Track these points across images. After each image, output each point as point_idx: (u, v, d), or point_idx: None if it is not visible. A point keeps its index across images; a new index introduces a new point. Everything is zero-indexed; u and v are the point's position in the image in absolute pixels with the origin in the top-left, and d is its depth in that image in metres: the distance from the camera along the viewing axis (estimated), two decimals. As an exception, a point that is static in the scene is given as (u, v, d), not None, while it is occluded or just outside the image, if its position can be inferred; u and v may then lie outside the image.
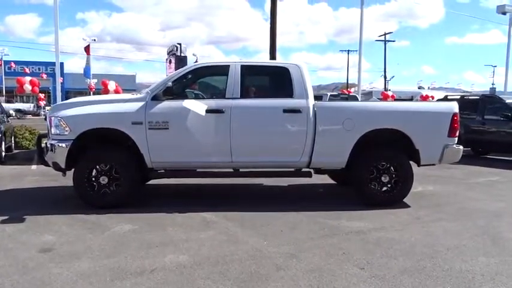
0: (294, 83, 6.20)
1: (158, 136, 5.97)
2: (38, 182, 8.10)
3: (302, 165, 6.33)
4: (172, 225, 5.17)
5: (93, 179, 6.01)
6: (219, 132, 6.05)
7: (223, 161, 6.16)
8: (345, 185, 7.78)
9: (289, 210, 5.91)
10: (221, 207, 6.02)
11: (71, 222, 5.33)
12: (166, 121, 5.97)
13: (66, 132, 5.94)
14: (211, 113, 6.01)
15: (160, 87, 6.08)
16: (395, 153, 6.32)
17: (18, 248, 4.39)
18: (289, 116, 6.10)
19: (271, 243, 4.56)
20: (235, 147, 6.06)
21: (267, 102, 6.17)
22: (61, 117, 5.97)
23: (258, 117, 6.12)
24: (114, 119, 5.97)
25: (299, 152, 6.16)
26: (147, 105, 5.99)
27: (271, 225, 5.23)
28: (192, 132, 5.99)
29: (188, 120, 5.99)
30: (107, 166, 6.00)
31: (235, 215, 5.62)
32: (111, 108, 6.04)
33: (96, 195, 5.98)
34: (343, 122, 6.12)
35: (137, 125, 5.94)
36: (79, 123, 5.95)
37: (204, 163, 6.21)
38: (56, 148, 5.96)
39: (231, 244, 4.53)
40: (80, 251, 4.29)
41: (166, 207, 5.98)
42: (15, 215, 5.62)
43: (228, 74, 6.19)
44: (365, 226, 5.25)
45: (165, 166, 6.26)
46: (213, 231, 4.97)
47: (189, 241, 4.62)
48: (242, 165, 6.29)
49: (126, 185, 6.00)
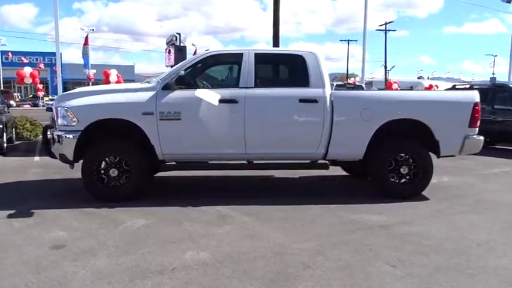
0: (309, 71, 5.97)
1: (170, 127, 5.75)
2: (42, 174, 7.88)
3: (318, 157, 6.12)
4: (188, 220, 4.97)
5: (102, 172, 5.79)
6: (233, 123, 5.82)
7: (237, 152, 5.95)
8: (359, 176, 7.61)
9: (305, 203, 5.73)
10: (235, 200, 5.82)
11: (80, 216, 5.12)
12: (178, 111, 5.74)
13: (73, 123, 5.71)
14: (225, 103, 5.79)
15: (172, 76, 5.84)
16: (415, 144, 6.11)
17: (29, 244, 4.18)
18: (305, 106, 5.87)
19: (293, 239, 4.36)
20: (250, 139, 5.85)
21: (282, 91, 5.94)
22: (68, 107, 5.73)
23: (273, 107, 5.89)
24: (124, 110, 5.73)
25: (315, 143, 5.94)
26: (158, 95, 5.75)
27: (290, 220, 5.03)
28: (205, 123, 5.77)
29: (201, 110, 5.76)
30: (117, 158, 5.79)
31: (251, 209, 5.42)
32: (121, 98, 5.80)
33: (105, 188, 5.77)
34: (361, 112, 5.91)
35: (148, 115, 5.71)
36: (87, 113, 5.71)
37: (217, 155, 5.99)
38: (63, 139, 5.73)
39: (251, 240, 4.33)
40: (94, 248, 4.09)
41: (178, 201, 5.78)
42: (22, 208, 5.41)
43: (241, 63, 5.95)
44: (387, 220, 5.06)
45: (177, 158, 6.04)
46: (231, 226, 4.77)
47: (207, 237, 4.42)
48: (256, 157, 6.07)
49: (137, 178, 5.78)
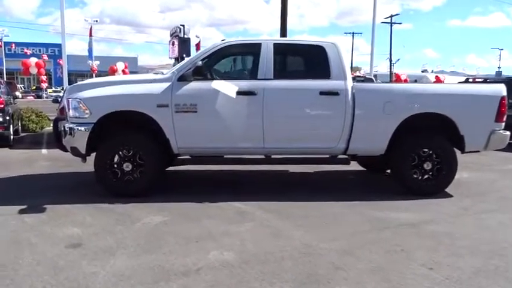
0: (330, 63, 5.74)
1: (185, 120, 5.54)
2: (51, 167, 7.70)
3: (338, 152, 5.91)
4: (206, 217, 4.78)
5: (116, 166, 5.59)
6: (251, 116, 5.61)
7: (255, 146, 5.74)
8: (375, 171, 7.41)
9: (324, 200, 5.53)
10: (251, 196, 5.63)
11: (94, 212, 4.93)
12: (195, 104, 5.53)
13: (86, 115, 5.50)
14: (243, 95, 5.57)
15: (188, 66, 5.62)
16: (439, 139, 5.89)
17: (44, 242, 3.99)
18: (326, 99, 5.66)
19: (319, 238, 4.16)
20: (268, 132, 5.64)
21: (302, 83, 5.72)
22: (80, 98, 5.52)
23: (292, 100, 5.67)
24: (138, 101, 5.52)
25: (336, 137, 5.73)
26: (173, 87, 5.54)
27: (312, 217, 4.83)
28: (222, 116, 5.56)
29: (218, 102, 5.55)
30: (130, 152, 5.59)
31: (269, 205, 5.22)
32: (135, 89, 5.58)
33: (119, 182, 5.57)
34: (383, 106, 5.68)
35: (163, 107, 5.50)
36: (100, 105, 5.51)
37: (234, 149, 5.78)
38: (75, 132, 5.53)
39: (275, 239, 4.13)
40: (112, 246, 3.89)
41: (192, 196, 5.59)
42: (33, 203, 5.23)
43: (259, 53, 5.73)
44: (413, 218, 4.86)
45: (192, 152, 5.83)
46: (252, 224, 4.58)
47: (229, 235, 4.22)
48: (274, 151, 5.87)
49: (151, 172, 5.59)
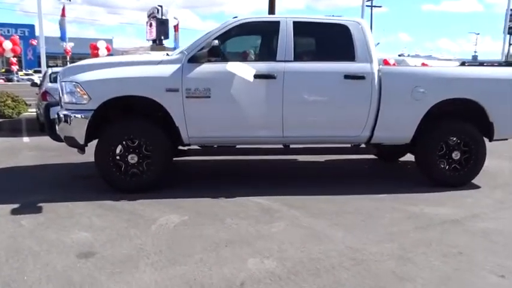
0: (355, 43, 5.25)
1: (198, 106, 4.98)
2: (38, 157, 7.01)
3: (362, 141, 5.47)
4: (229, 215, 4.27)
5: (119, 158, 5.01)
6: (270, 102, 5.09)
7: (273, 135, 5.23)
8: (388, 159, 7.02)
9: (350, 193, 5.09)
10: (269, 189, 5.15)
11: (100, 211, 4.36)
12: (208, 88, 4.96)
13: (84, 101, 4.88)
14: (261, 78, 5.04)
15: (199, 46, 5.03)
16: (468, 127, 5.50)
17: (50, 251, 3.41)
18: (351, 83, 5.18)
19: (362, 239, 3.72)
20: (288, 120, 5.13)
21: (325, 66, 5.21)
22: (78, 82, 4.88)
23: (315, 84, 5.17)
24: (145, 85, 4.92)
25: (360, 125, 5.28)
26: (184, 69, 4.95)
27: (345, 214, 4.38)
28: (238, 102, 5.02)
29: (233, 86, 5.00)
30: (136, 142, 5.00)
31: (293, 201, 4.75)
32: (140, 71, 4.97)
33: (123, 176, 4.99)
34: (411, 91, 5.24)
35: (172, 92, 4.92)
36: (101, 90, 4.88)
37: (250, 138, 5.26)
38: (72, 120, 4.90)
39: (316, 241, 3.67)
40: (131, 255, 3.35)
41: (205, 190, 5.07)
42: (27, 202, 4.61)
43: (278, 32, 5.18)
44: (454, 214, 4.46)
45: (204, 142, 5.29)
46: (283, 223, 4.09)
47: (262, 238, 3.73)
48: (294, 140, 5.37)
49: (159, 165, 5.02)
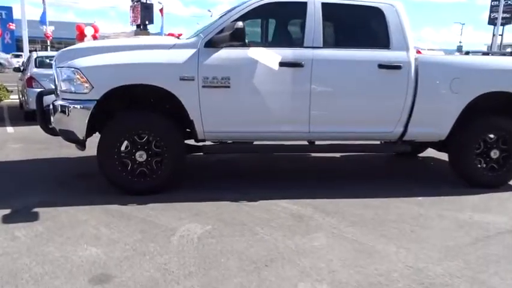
0: (390, 28, 4.71)
1: (215, 97, 4.39)
2: (25, 151, 6.32)
3: (393, 137, 4.95)
4: (258, 224, 3.72)
5: (125, 155, 4.39)
6: (296, 93, 4.53)
7: (299, 131, 4.68)
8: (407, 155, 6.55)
9: (382, 195, 4.60)
10: (292, 190, 4.63)
11: (107, 219, 3.75)
12: (227, 77, 4.37)
13: (85, 90, 4.23)
14: (286, 66, 4.47)
15: (217, 29, 4.43)
16: (507, 123, 5.04)
17: (56, 274, 2.80)
18: (386, 73, 4.65)
19: (420, 256, 3.21)
20: (315, 113, 4.59)
21: (357, 54, 4.66)
22: (78, 68, 4.23)
23: (346, 75, 4.62)
24: (155, 73, 4.29)
25: (394, 120, 4.77)
26: (200, 54, 4.35)
27: (389, 222, 3.87)
28: (261, 92, 4.44)
29: (256, 75, 4.42)
30: (144, 138, 4.39)
31: (325, 205, 4.23)
32: (150, 57, 4.34)
33: (130, 177, 4.38)
34: (450, 82, 4.75)
35: (187, 81, 4.31)
36: (105, 77, 4.25)
37: (272, 134, 4.69)
38: (70, 111, 4.27)
39: (368, 258, 3.14)
40: (156, 279, 2.77)
41: (219, 192, 4.52)
42: (19, 206, 3.99)
43: (305, 15, 4.61)
44: (505, 222, 4.00)
45: (221, 137, 4.69)
46: (322, 234, 3.56)
47: (305, 254, 3.18)
48: (321, 136, 4.82)
49: (171, 164, 4.42)
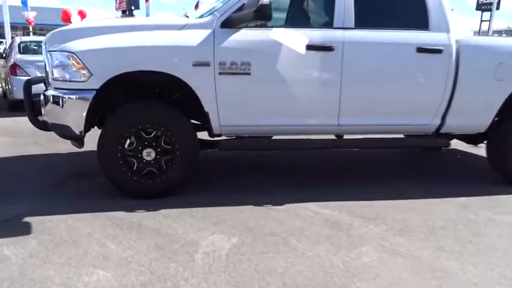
0: (429, 7, 4.16)
1: (234, 85, 3.81)
2: (12, 145, 5.67)
3: (429, 130, 4.42)
4: (291, 234, 3.17)
5: (131, 153, 3.80)
6: (325, 81, 3.98)
7: (327, 123, 4.13)
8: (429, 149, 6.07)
9: (421, 195, 4.08)
10: (321, 191, 4.11)
11: (114, 230, 3.17)
12: (247, 62, 3.79)
13: (82, 78, 3.61)
14: (314, 50, 3.90)
15: (235, 6, 3.82)
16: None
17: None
18: (425, 58, 4.10)
19: (498, 278, 2.71)
20: (346, 104, 4.04)
21: (394, 36, 4.10)
22: (72, 51, 3.60)
23: (381, 59, 4.06)
24: (165, 58, 3.68)
25: (432, 110, 4.25)
26: (216, 36, 3.75)
27: (440, 230, 3.35)
28: (285, 80, 3.87)
29: (279, 61, 3.85)
30: (152, 133, 3.80)
31: (361, 208, 3.71)
32: (158, 39, 3.72)
33: (136, 178, 3.79)
34: (495, 68, 4.24)
35: (202, 67, 3.71)
36: (106, 63, 3.62)
37: (297, 127, 4.12)
38: (65, 103, 3.65)
39: (436, 281, 2.62)
40: (186, 314, 2.23)
41: (242, 194, 3.97)
42: (7, 215, 3.39)
43: (335, -9, 4.04)
44: None
45: (239, 132, 4.10)
46: (370, 248, 3.02)
47: (358, 275, 2.64)
48: (351, 129, 4.28)
49: (184, 162, 3.84)
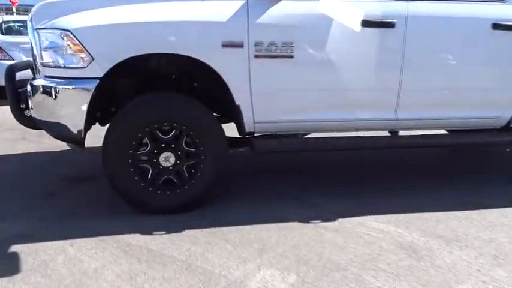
0: (505, -26, 3.41)
1: (274, 71, 3.04)
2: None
3: (499, 124, 3.67)
4: (362, 266, 2.44)
5: (145, 158, 3.02)
6: (383, 64, 3.22)
7: (381, 117, 3.37)
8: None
9: (483, 205, 3.32)
10: (364, 198, 3.39)
11: (128, 264, 2.41)
12: (290, 42, 3.01)
13: (80, 63, 2.82)
14: (372, 26, 3.13)
15: (273, -29, 3.03)
16: None
17: None
18: (502, 37, 3.35)
19: None
20: (407, 93, 3.29)
21: (465, 9, 3.33)
22: (68, 29, 2.79)
23: (451, 38, 3.31)
24: (187, 37, 2.89)
25: (505, 100, 3.53)
26: (250, 9, 2.95)
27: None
28: (335, 65, 3.11)
29: (329, 40, 3.07)
30: (171, 132, 3.02)
31: (428, 224, 2.98)
32: (178, 12, 2.91)
33: (151, 188, 3.02)
34: None
35: (233, 48, 2.93)
36: (111, 43, 2.83)
37: (346, 122, 3.35)
38: (59, 95, 2.86)
39: None
40: None
41: (280, 205, 3.23)
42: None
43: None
44: None
45: (277, 129, 3.32)
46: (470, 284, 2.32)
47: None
48: (410, 124, 3.50)
49: (211, 168, 3.07)
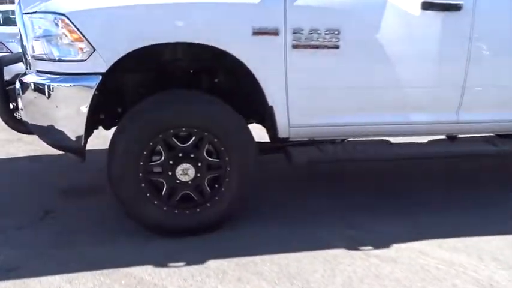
0: None
1: (315, 64, 2.50)
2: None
3: None
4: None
5: (159, 171, 2.48)
6: (446, 56, 2.68)
7: (441, 120, 2.83)
8: None
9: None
10: (409, 215, 2.86)
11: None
12: (335, 29, 2.46)
13: (79, 55, 2.29)
14: (434, 9, 2.59)
15: None
16: None
17: None
18: None
19: None
20: (473, 90, 2.75)
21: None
22: (64, 13, 2.26)
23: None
24: (209, 23, 2.35)
25: None
26: (288, -9, 2.41)
27: None
28: (389, 57, 2.57)
29: (381, 28, 2.53)
30: (189, 140, 2.47)
31: (496, 250, 2.45)
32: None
33: (166, 207, 2.49)
34: None
35: (266, 36, 2.39)
36: (116, 31, 2.30)
37: (402, 126, 2.77)
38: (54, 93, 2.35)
39: None
40: None
41: (317, 227, 2.70)
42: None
43: None
44: None
45: (316, 134, 2.76)
46: None
47: None
48: (473, 128, 2.94)
49: (239, 182, 2.53)
